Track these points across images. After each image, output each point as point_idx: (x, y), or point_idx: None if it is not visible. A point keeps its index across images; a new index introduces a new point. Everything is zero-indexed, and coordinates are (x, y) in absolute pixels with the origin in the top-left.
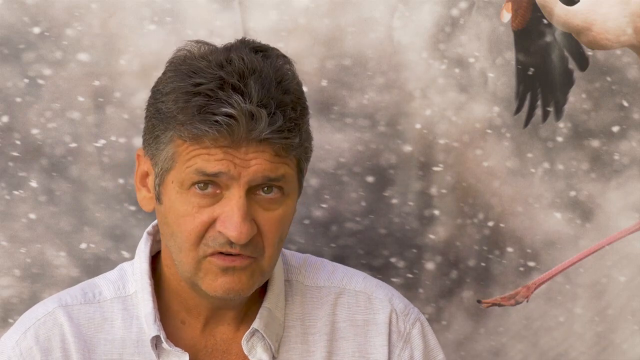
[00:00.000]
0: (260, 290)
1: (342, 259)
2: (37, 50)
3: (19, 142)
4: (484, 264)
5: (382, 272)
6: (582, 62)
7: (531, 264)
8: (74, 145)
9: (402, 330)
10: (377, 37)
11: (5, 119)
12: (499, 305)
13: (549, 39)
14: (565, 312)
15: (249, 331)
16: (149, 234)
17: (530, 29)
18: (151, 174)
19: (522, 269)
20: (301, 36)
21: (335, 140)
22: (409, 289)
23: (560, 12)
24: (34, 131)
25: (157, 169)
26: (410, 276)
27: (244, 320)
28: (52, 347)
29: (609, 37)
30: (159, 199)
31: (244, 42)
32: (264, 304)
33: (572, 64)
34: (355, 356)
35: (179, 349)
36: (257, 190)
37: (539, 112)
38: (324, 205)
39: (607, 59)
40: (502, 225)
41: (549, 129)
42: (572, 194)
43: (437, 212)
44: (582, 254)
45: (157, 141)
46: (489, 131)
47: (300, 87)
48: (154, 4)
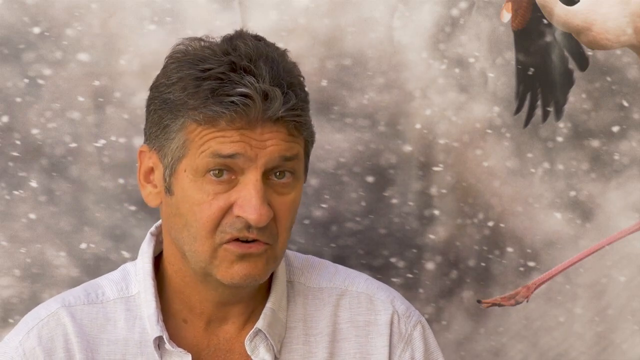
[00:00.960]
0: (263, 289)
1: (342, 259)
2: (37, 50)
3: (19, 142)
4: (484, 264)
5: (382, 272)
6: (582, 62)
7: (531, 264)
8: (74, 145)
9: (403, 332)
10: (377, 37)
11: (5, 119)
12: (499, 305)
13: (549, 39)
14: (565, 312)
15: (252, 331)
16: (152, 234)
17: (530, 29)
18: (158, 168)
19: (522, 269)
20: (301, 36)
21: (335, 140)
22: (409, 289)
23: (560, 12)
24: (34, 131)
25: (167, 160)
26: (410, 276)
27: (248, 319)
28: (55, 347)
29: (609, 37)
30: (169, 190)
31: (242, 32)
32: (268, 305)
33: (572, 64)
34: (356, 357)
35: (182, 350)
36: (270, 175)
37: (539, 112)
38: (324, 205)
39: (607, 59)
40: (502, 225)
41: (549, 129)
42: (572, 194)
43: (437, 212)
44: (582, 254)
45: (167, 131)
46: (489, 131)
47: (301, 75)
48: (154, 4)
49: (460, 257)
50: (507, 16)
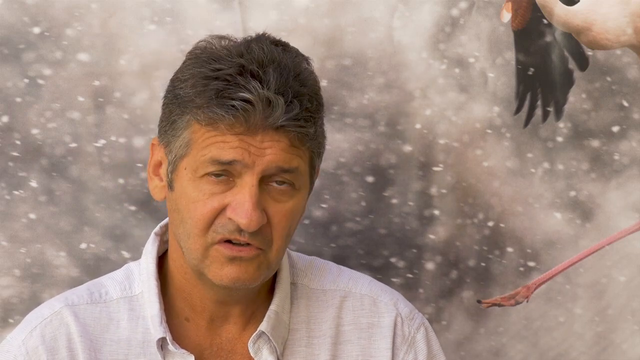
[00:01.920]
0: (267, 291)
1: (342, 259)
2: (37, 50)
3: (19, 142)
4: (484, 264)
5: (382, 272)
6: (582, 62)
7: (531, 264)
8: (74, 145)
9: (406, 334)
10: (377, 37)
11: (5, 119)
12: (499, 305)
13: (549, 39)
14: (565, 312)
15: (255, 333)
16: (157, 234)
17: (530, 29)
18: (164, 162)
19: (522, 269)
20: (301, 36)
21: (335, 140)
22: (409, 289)
23: (560, 12)
24: (34, 131)
25: (171, 156)
26: (410, 276)
27: (250, 320)
28: (58, 346)
29: (609, 37)
30: (171, 186)
31: (264, 35)
32: (272, 307)
33: (572, 64)
34: (358, 359)
35: (185, 351)
36: (270, 181)
37: (539, 112)
38: (324, 205)
39: (607, 59)
40: (502, 225)
41: (549, 129)
42: (572, 194)
43: (437, 212)
44: (582, 254)
45: (174, 127)
46: (489, 131)
47: (317, 84)
48: (154, 4)
49: (460, 257)
50: (507, 16)
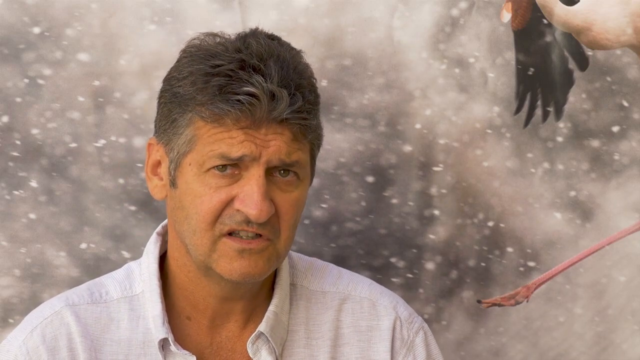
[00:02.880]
0: (266, 288)
1: (342, 259)
2: (37, 50)
3: (19, 142)
4: (484, 264)
5: (382, 272)
6: (582, 62)
7: (531, 264)
8: (74, 145)
9: (405, 337)
10: (377, 37)
11: (5, 119)
12: (499, 305)
13: (549, 39)
14: (565, 312)
15: (254, 334)
16: (159, 234)
17: (530, 29)
18: (164, 161)
19: (522, 269)
20: (301, 36)
21: (335, 140)
22: (409, 289)
23: (560, 12)
24: (34, 131)
25: (173, 154)
26: (410, 276)
27: (250, 319)
28: (58, 346)
29: (609, 37)
30: (173, 183)
31: (256, 30)
32: (271, 308)
33: (572, 64)
34: None
35: (187, 352)
36: (275, 172)
37: (539, 112)
38: (324, 205)
39: (607, 59)
40: (502, 225)
41: (549, 129)
42: (572, 194)
43: (437, 212)
44: (582, 254)
45: (175, 125)
46: (489, 131)
47: (313, 76)
48: (154, 4)
49: (460, 257)
50: (507, 16)
